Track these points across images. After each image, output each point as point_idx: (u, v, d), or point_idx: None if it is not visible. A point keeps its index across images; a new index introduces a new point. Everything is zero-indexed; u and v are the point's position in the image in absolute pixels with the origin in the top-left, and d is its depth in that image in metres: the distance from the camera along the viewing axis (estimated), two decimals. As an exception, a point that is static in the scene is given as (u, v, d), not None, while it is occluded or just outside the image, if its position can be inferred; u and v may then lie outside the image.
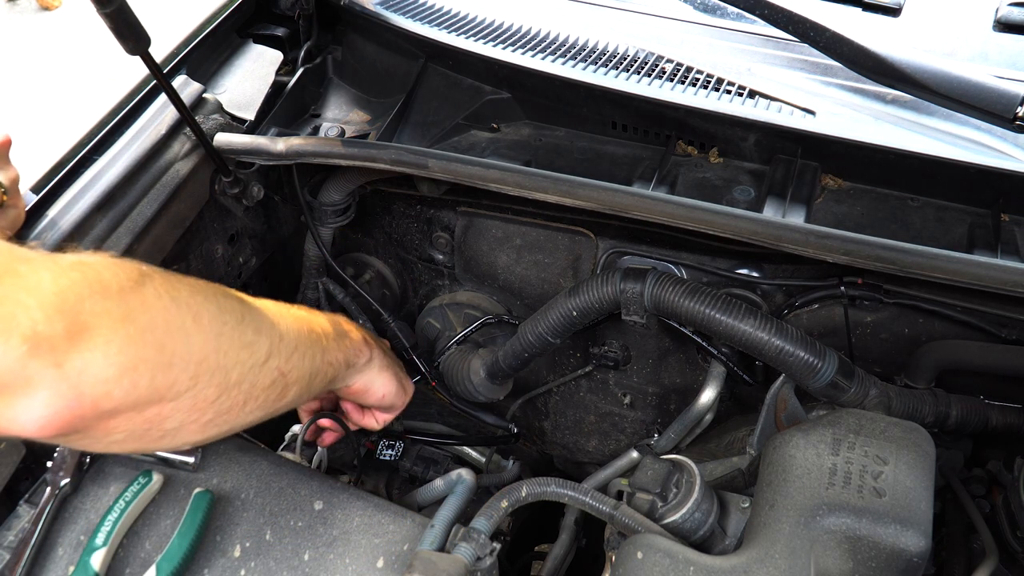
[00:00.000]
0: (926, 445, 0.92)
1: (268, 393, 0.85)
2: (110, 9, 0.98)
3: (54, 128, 1.63)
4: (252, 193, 1.34)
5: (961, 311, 1.15)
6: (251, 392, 0.83)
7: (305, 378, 0.91)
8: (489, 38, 1.33)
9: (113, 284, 0.69)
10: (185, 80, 1.28)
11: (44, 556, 0.96)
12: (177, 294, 0.75)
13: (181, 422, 0.76)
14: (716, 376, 1.26)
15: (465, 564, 0.92)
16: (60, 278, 0.66)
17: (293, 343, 0.89)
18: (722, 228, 1.04)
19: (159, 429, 0.75)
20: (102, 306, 0.67)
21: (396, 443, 1.37)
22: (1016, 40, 1.31)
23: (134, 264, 0.75)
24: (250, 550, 0.98)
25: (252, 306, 0.85)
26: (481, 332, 1.47)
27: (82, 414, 0.66)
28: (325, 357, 0.96)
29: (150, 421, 0.73)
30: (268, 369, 0.84)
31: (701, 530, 0.96)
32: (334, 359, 0.98)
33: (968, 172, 1.11)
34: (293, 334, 0.89)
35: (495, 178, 1.11)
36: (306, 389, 0.92)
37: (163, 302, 0.73)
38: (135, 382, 0.69)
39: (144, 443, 0.76)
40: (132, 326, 0.69)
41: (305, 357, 0.91)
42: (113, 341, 0.67)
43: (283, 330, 0.88)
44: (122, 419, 0.70)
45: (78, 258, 0.71)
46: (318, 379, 0.95)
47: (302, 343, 0.91)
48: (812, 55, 1.24)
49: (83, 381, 0.65)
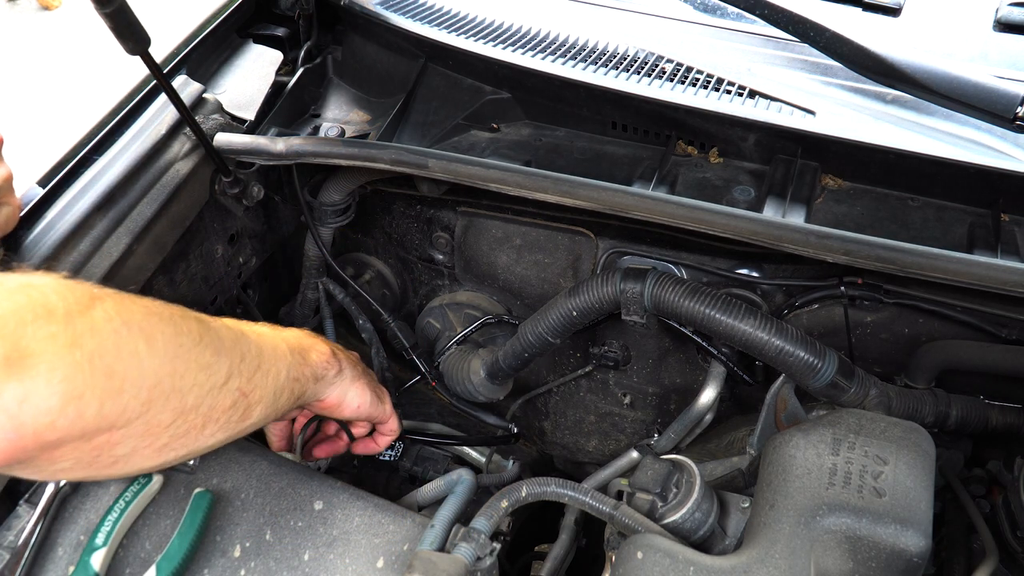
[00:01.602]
0: (926, 445, 0.92)
1: (230, 415, 0.83)
2: (110, 9, 0.98)
3: (54, 128, 1.63)
4: (252, 193, 1.34)
5: (961, 311, 1.15)
6: (210, 415, 0.80)
7: (269, 397, 0.89)
8: (489, 38, 1.33)
9: (60, 308, 0.66)
10: (185, 80, 1.28)
11: (44, 556, 0.96)
12: (130, 317, 0.72)
13: (133, 448, 0.74)
14: (716, 376, 1.26)
15: (465, 564, 0.92)
16: (3, 302, 0.63)
17: (255, 362, 0.87)
18: (722, 228, 1.04)
19: (109, 456, 0.72)
20: (46, 331, 0.64)
21: (395, 443, 1.37)
22: (1016, 40, 1.31)
23: (86, 286, 0.72)
24: (250, 550, 0.98)
25: (211, 327, 0.83)
26: (481, 332, 1.47)
27: (23, 446, 0.63)
28: (290, 373, 0.93)
29: (99, 448, 0.70)
30: (228, 391, 0.82)
31: (701, 530, 0.96)
32: (300, 374, 0.96)
33: (968, 172, 1.11)
34: (254, 353, 0.87)
35: (495, 178, 1.11)
36: (271, 408, 0.90)
37: (113, 325, 0.70)
38: (81, 411, 0.65)
39: (93, 471, 0.73)
40: (79, 351, 0.65)
41: (269, 375, 0.89)
42: (57, 368, 0.64)
43: (244, 350, 0.85)
44: (68, 449, 0.67)
45: (26, 280, 0.68)
46: (284, 396, 0.93)
47: (265, 361, 0.88)
48: (812, 55, 1.24)
49: (23, 411, 0.62)
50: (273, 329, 0.98)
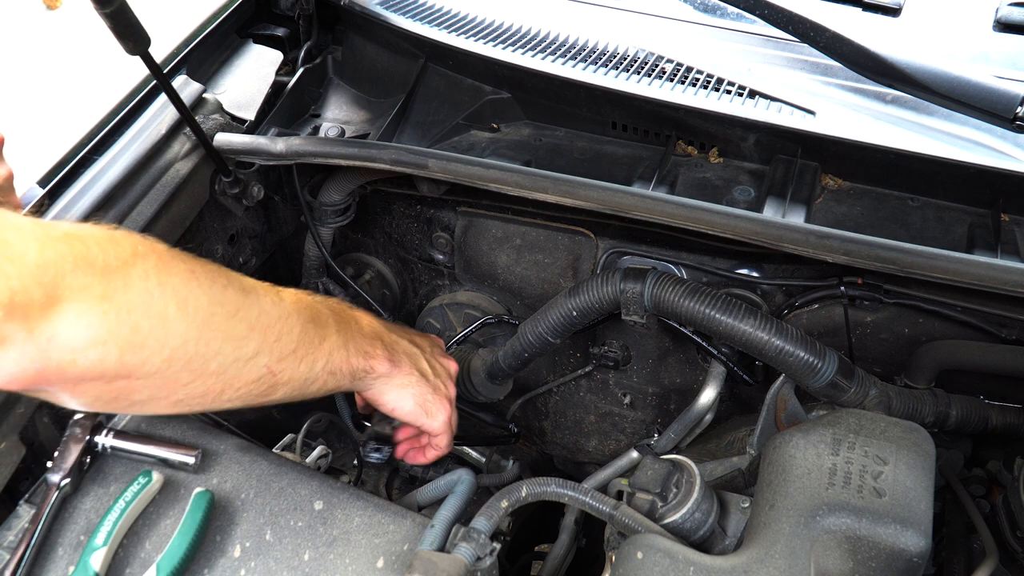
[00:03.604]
0: (926, 445, 0.92)
1: (252, 387, 0.87)
2: (110, 9, 0.98)
3: (54, 128, 1.63)
4: (252, 193, 1.34)
5: (961, 311, 1.15)
6: (231, 383, 0.84)
7: (299, 381, 0.92)
8: (489, 38, 1.33)
9: (99, 260, 0.72)
10: (185, 80, 1.28)
11: (44, 556, 0.96)
12: (167, 278, 0.77)
13: (150, 396, 0.79)
14: (716, 376, 1.26)
15: (465, 564, 0.92)
16: (46, 250, 0.69)
17: (291, 346, 0.90)
18: (722, 228, 1.04)
19: (127, 399, 0.78)
20: (82, 282, 0.70)
21: (383, 447, 1.37)
22: (1016, 40, 1.31)
23: (132, 240, 0.77)
24: (250, 550, 0.98)
25: (256, 301, 0.86)
26: (481, 332, 1.47)
27: (47, 376, 0.70)
28: (328, 366, 0.96)
29: (117, 391, 0.76)
30: (255, 365, 0.86)
31: (701, 530, 0.96)
32: (337, 369, 0.98)
33: (968, 172, 1.11)
34: (295, 336, 0.90)
35: (495, 178, 1.11)
36: (299, 391, 0.94)
37: (148, 284, 0.75)
38: (102, 356, 0.72)
39: (112, 408, 0.80)
40: (108, 304, 0.71)
41: (303, 362, 0.92)
42: (85, 316, 0.70)
43: (283, 331, 0.88)
44: (88, 386, 0.74)
45: (72, 229, 0.73)
46: (316, 385, 0.96)
47: (302, 347, 0.91)
48: (812, 55, 1.24)
49: (51, 347, 0.69)
50: (343, 315, 1.01)
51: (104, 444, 1.01)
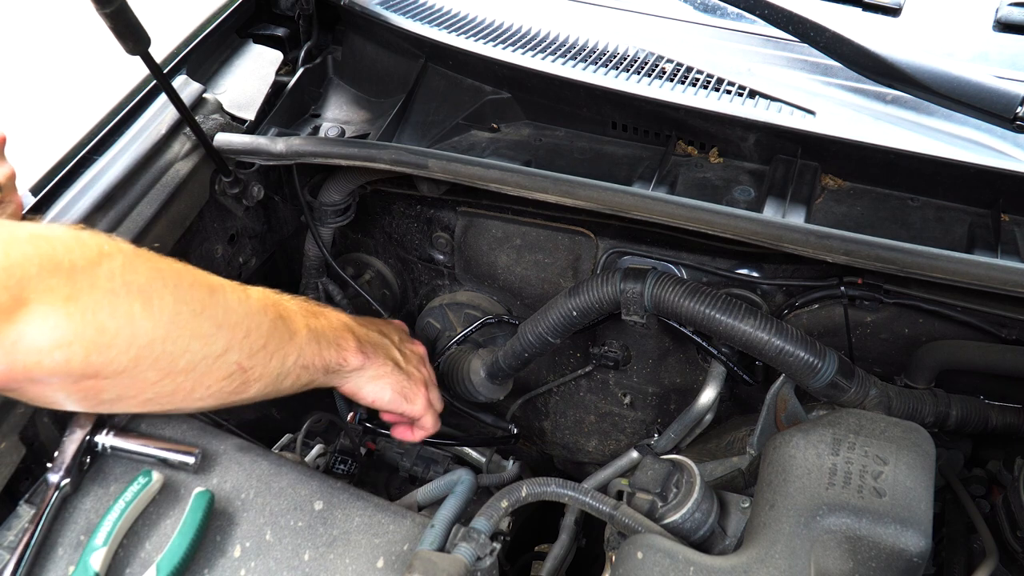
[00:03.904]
0: (926, 445, 0.92)
1: (224, 384, 0.87)
2: (110, 9, 0.98)
3: (54, 128, 1.63)
4: (252, 193, 1.34)
5: (961, 311, 1.15)
6: (201, 380, 0.85)
7: (271, 376, 0.93)
8: (489, 38, 1.33)
9: (65, 261, 0.72)
10: (185, 80, 1.28)
11: (44, 556, 0.96)
12: (133, 278, 0.77)
13: (119, 395, 0.80)
14: (716, 376, 1.26)
15: (465, 564, 0.92)
16: (12, 252, 0.70)
17: (261, 342, 0.90)
18: (722, 228, 1.04)
19: (96, 398, 0.79)
20: (47, 283, 0.71)
21: (349, 460, 1.37)
22: (1016, 40, 1.31)
23: (98, 240, 0.77)
24: (250, 550, 0.98)
25: (223, 298, 0.86)
26: (481, 332, 1.47)
27: (13, 376, 0.72)
28: (300, 360, 0.96)
29: (85, 390, 0.77)
30: (224, 362, 0.86)
31: (701, 530, 0.96)
32: (311, 363, 0.98)
33: (968, 172, 1.11)
34: (264, 332, 0.90)
35: (495, 178, 1.11)
36: (272, 387, 0.94)
37: (113, 284, 0.75)
38: (68, 357, 0.73)
39: (83, 407, 0.81)
40: (73, 305, 0.72)
41: (274, 357, 0.92)
42: (50, 317, 0.71)
43: (252, 327, 0.89)
44: (56, 385, 0.75)
45: (37, 230, 0.74)
46: (289, 380, 0.96)
47: (273, 342, 0.92)
48: (812, 55, 1.24)
49: (17, 349, 0.70)
50: (308, 312, 1.01)
51: (104, 444, 1.01)
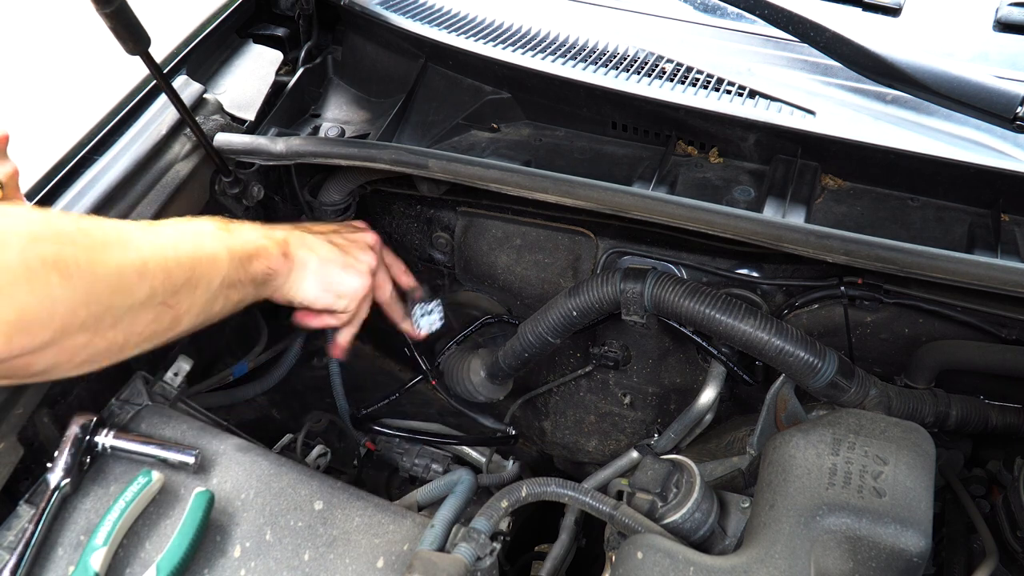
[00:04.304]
0: (926, 445, 0.92)
1: (154, 327, 0.88)
2: (110, 9, 0.98)
3: (54, 128, 1.63)
4: (252, 193, 1.34)
5: (961, 311, 1.15)
6: (131, 330, 0.85)
7: (199, 306, 0.93)
8: (489, 38, 1.33)
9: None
10: (185, 80, 1.28)
11: (44, 556, 0.96)
12: (43, 249, 0.76)
13: (52, 364, 0.80)
14: (716, 376, 1.26)
15: (465, 564, 0.92)
16: None
17: (183, 276, 0.89)
18: (722, 228, 1.04)
19: (27, 372, 0.79)
20: None
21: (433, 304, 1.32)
22: (1016, 40, 1.31)
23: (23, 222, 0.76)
24: (250, 550, 0.98)
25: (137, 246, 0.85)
26: (481, 332, 1.47)
27: None
28: (226, 281, 0.96)
29: (15, 367, 0.77)
30: (149, 306, 0.86)
31: (701, 530, 0.96)
32: (237, 280, 0.98)
33: (968, 172, 1.11)
34: (184, 265, 0.90)
35: (495, 178, 1.11)
36: (204, 315, 0.94)
37: (26, 260, 0.74)
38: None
39: (16, 381, 0.83)
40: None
41: (199, 287, 0.92)
42: None
43: (170, 265, 0.88)
44: None
45: None
46: (219, 304, 0.96)
47: (196, 274, 0.91)
48: (812, 55, 1.24)
49: None
50: (224, 230, 1.00)
51: (104, 444, 1.01)
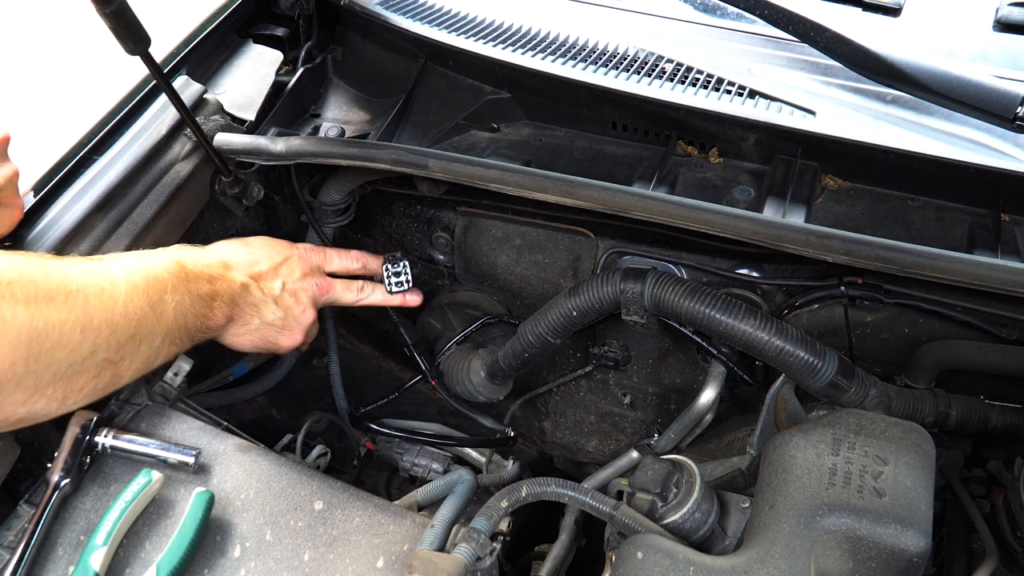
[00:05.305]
0: (926, 445, 0.92)
1: (95, 383, 0.87)
2: (110, 9, 0.98)
3: (54, 128, 1.63)
4: (252, 193, 1.34)
5: (961, 311, 1.15)
6: (72, 387, 0.84)
7: (141, 361, 0.93)
8: (489, 38, 1.33)
9: None
10: (186, 80, 1.28)
11: (44, 556, 0.96)
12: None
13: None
14: (716, 376, 1.26)
15: (465, 564, 0.92)
16: None
17: (128, 332, 0.89)
18: (722, 228, 1.04)
19: None
20: None
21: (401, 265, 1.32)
22: (1016, 40, 1.31)
23: None
24: (250, 550, 0.98)
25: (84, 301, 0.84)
26: (481, 332, 1.47)
27: None
28: (167, 338, 0.97)
29: None
30: (92, 363, 0.85)
31: (701, 530, 0.96)
32: (177, 338, 0.99)
33: (968, 172, 1.11)
34: (131, 322, 0.89)
35: (495, 178, 1.11)
36: (145, 366, 0.95)
37: None
38: None
39: None
40: None
41: (142, 343, 0.92)
42: None
43: (117, 321, 0.87)
44: None
45: None
46: (159, 358, 0.97)
47: (140, 330, 0.91)
48: (812, 55, 1.24)
49: None
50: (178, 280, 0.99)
51: (104, 444, 1.01)
